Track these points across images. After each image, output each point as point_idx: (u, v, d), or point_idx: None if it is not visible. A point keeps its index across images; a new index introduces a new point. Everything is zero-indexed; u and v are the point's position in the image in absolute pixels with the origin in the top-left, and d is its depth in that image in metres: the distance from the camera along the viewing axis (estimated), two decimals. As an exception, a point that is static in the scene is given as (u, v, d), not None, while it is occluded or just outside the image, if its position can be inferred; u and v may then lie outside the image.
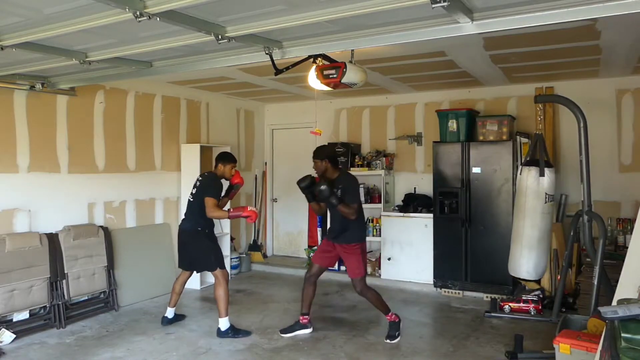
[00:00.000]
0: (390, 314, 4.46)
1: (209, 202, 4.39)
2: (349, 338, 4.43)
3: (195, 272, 4.95)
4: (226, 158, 4.74)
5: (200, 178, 4.75)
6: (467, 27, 2.78)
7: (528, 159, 4.59)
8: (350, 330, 4.65)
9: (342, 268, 6.76)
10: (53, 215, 4.91)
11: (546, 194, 4.34)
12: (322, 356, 4.01)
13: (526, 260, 4.49)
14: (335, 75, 3.63)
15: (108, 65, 4.00)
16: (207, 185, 4.53)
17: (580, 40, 4.14)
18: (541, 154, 4.44)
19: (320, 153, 4.36)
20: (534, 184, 4.34)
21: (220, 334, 4.42)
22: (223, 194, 4.78)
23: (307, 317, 4.54)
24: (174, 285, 4.86)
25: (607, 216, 5.15)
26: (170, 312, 4.84)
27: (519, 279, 4.88)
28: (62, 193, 5.02)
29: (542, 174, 4.31)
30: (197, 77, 5.74)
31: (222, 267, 4.53)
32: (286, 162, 7.85)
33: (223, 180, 4.72)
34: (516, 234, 4.58)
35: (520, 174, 4.47)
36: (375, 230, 6.68)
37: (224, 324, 4.42)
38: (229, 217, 4.71)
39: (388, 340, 4.32)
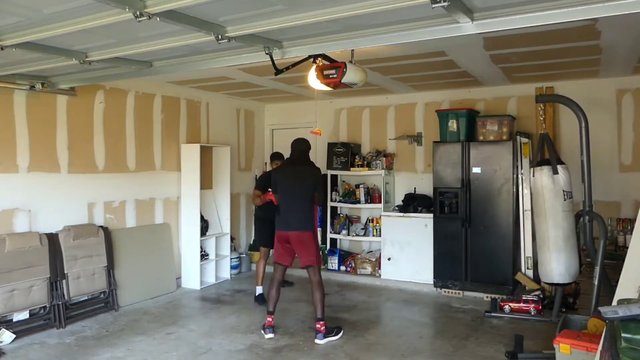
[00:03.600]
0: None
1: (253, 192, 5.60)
2: (349, 338, 4.43)
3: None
4: (271, 156, 5.94)
5: None
6: (467, 27, 2.77)
7: (538, 159, 4.53)
8: (350, 330, 4.64)
9: (342, 268, 6.79)
10: (53, 215, 4.91)
11: (564, 191, 4.27)
12: (322, 356, 4.01)
13: (556, 265, 4.35)
14: (335, 75, 3.63)
15: (108, 65, 4.00)
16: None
17: (580, 40, 4.14)
18: (551, 153, 4.40)
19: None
20: (550, 183, 4.27)
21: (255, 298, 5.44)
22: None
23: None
24: None
25: (607, 216, 5.15)
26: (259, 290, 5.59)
27: (553, 283, 4.66)
28: (62, 193, 5.02)
29: (555, 172, 4.26)
30: (197, 77, 5.74)
31: (264, 245, 5.56)
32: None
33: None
34: (541, 238, 4.45)
35: (533, 176, 4.38)
36: (375, 230, 6.68)
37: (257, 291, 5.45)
38: (261, 202, 5.18)
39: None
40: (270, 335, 4.43)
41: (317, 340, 4.28)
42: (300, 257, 4.50)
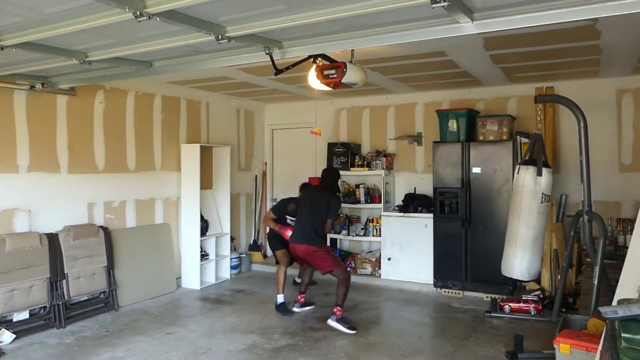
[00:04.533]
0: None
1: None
2: (349, 338, 4.43)
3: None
4: (301, 187, 6.09)
5: None
6: (467, 27, 2.77)
7: (526, 158, 4.58)
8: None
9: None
10: (53, 215, 4.91)
11: (543, 194, 4.33)
12: (322, 356, 4.01)
13: (520, 261, 4.46)
14: (335, 75, 3.63)
15: (108, 65, 4.00)
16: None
17: (581, 40, 4.14)
18: (539, 154, 4.42)
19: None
20: (531, 184, 4.32)
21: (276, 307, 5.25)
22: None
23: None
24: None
25: (607, 216, 5.15)
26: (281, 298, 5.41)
27: (512, 279, 4.85)
28: (62, 193, 5.02)
29: (539, 174, 4.30)
30: (197, 77, 5.74)
31: (279, 248, 5.52)
32: (286, 162, 7.86)
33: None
34: (510, 233, 4.56)
35: (518, 173, 4.45)
36: (375, 230, 6.68)
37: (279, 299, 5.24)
38: (276, 230, 5.58)
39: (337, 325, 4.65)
40: (296, 310, 5.15)
41: (329, 321, 4.67)
42: (317, 267, 4.92)
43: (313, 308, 5.28)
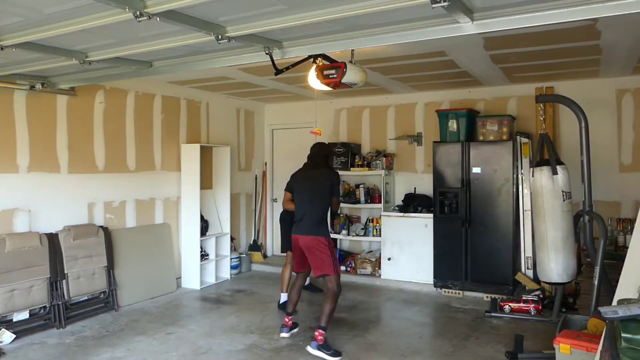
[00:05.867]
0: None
1: None
2: (349, 338, 4.43)
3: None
4: None
5: None
6: (467, 27, 2.77)
7: (537, 159, 4.54)
8: (350, 330, 4.65)
9: (342, 268, 6.79)
10: (53, 215, 4.91)
11: (563, 191, 4.28)
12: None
13: (555, 264, 4.37)
14: (335, 75, 3.63)
15: (108, 65, 4.00)
16: None
17: (581, 40, 4.14)
18: (550, 153, 4.40)
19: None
20: (549, 184, 4.28)
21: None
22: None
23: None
24: None
25: (607, 216, 5.16)
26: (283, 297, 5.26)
27: (551, 283, 4.68)
28: (62, 193, 5.02)
29: (555, 172, 4.27)
30: (197, 77, 5.74)
31: (290, 250, 4.86)
32: (286, 162, 7.84)
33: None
34: (539, 238, 4.46)
35: (533, 176, 4.39)
36: (375, 230, 6.68)
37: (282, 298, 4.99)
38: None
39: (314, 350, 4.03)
40: (285, 335, 4.38)
41: (308, 347, 4.04)
42: (313, 266, 4.28)
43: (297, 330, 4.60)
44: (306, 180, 4.47)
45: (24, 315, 4.54)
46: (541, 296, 5.08)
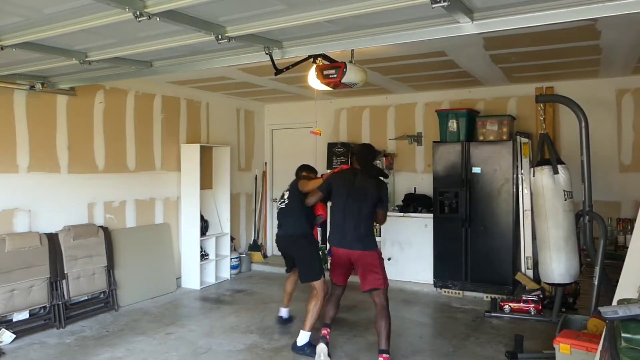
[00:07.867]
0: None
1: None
2: (349, 338, 4.43)
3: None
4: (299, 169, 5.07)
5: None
6: (467, 27, 2.77)
7: (538, 159, 4.53)
8: (350, 330, 4.65)
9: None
10: (53, 215, 4.91)
11: (564, 191, 4.25)
12: (322, 356, 4.01)
13: (557, 264, 4.30)
14: (335, 75, 3.63)
15: (108, 65, 4.00)
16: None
17: (580, 40, 4.14)
18: (551, 152, 4.39)
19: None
20: (550, 183, 4.25)
21: (296, 348, 4.06)
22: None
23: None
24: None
25: (607, 216, 5.15)
26: (284, 312, 4.85)
27: (554, 284, 4.61)
28: (62, 193, 5.02)
29: (556, 172, 4.26)
30: (197, 77, 5.74)
31: (321, 277, 4.22)
32: (286, 162, 7.83)
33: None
34: (541, 238, 4.42)
35: (534, 176, 4.37)
36: (375, 230, 6.66)
37: (303, 338, 4.08)
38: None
39: None
40: (323, 346, 3.88)
41: None
42: (364, 280, 3.86)
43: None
44: (353, 186, 3.94)
45: (24, 315, 4.55)
46: (541, 296, 5.08)
